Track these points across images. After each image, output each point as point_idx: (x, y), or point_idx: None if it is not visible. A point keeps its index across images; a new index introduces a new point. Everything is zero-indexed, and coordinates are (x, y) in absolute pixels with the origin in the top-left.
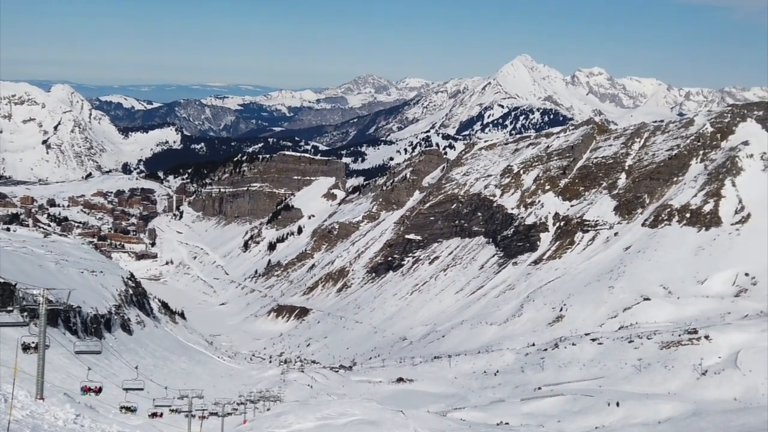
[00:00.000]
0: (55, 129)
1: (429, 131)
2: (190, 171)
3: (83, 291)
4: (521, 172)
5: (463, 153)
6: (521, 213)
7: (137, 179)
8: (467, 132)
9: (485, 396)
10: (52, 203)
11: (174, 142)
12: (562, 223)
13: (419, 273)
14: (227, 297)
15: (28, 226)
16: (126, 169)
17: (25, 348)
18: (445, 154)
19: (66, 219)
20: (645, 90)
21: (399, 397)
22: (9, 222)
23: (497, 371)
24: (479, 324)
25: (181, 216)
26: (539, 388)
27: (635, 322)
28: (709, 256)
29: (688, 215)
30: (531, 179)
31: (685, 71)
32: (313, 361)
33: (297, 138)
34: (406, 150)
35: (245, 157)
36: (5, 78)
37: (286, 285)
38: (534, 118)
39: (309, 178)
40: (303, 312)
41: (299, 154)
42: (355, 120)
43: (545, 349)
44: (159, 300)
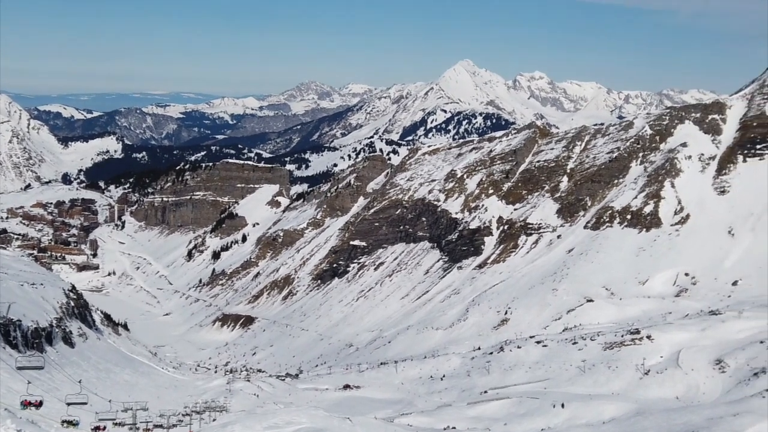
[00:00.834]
0: None
1: (372, 137)
2: (131, 180)
3: (23, 304)
4: (465, 176)
5: (407, 158)
6: (465, 217)
7: (78, 189)
8: (411, 137)
9: (432, 401)
10: None
11: (115, 151)
12: (505, 227)
13: (364, 279)
14: (171, 307)
15: None
16: (66, 180)
17: None
18: (389, 159)
19: (4, 231)
20: (585, 93)
21: (346, 404)
22: None
23: (444, 376)
24: (425, 329)
25: (123, 226)
26: (485, 391)
27: (579, 323)
28: (650, 256)
29: (629, 217)
30: (474, 183)
31: (625, 75)
32: (259, 370)
33: (240, 146)
34: (350, 156)
35: (188, 166)
36: None
37: (230, 294)
38: (477, 122)
39: (253, 186)
40: (248, 321)
41: (242, 161)
42: (299, 127)
43: (491, 353)
44: (101, 312)
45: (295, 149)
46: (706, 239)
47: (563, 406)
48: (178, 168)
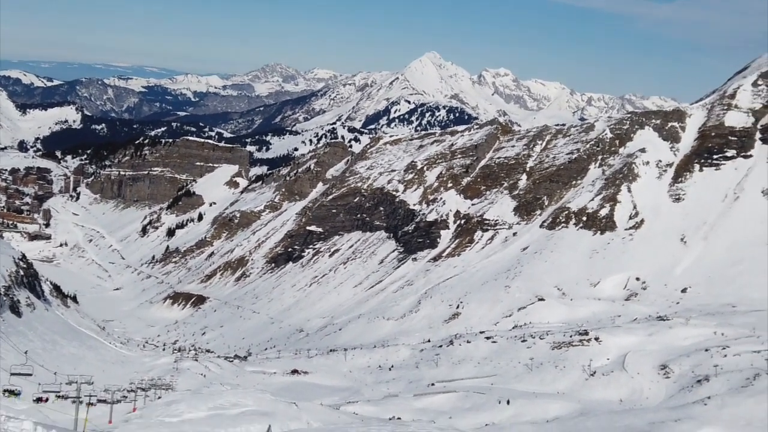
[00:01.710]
0: None
1: (335, 123)
2: (89, 152)
3: None
4: (425, 168)
5: (368, 147)
6: (423, 209)
7: (34, 158)
8: (373, 126)
9: (379, 390)
10: None
11: (74, 121)
12: (462, 221)
13: (319, 265)
14: (122, 282)
15: None
16: (22, 147)
17: None
18: (351, 147)
19: None
20: (549, 93)
21: (293, 389)
22: None
23: (392, 366)
24: (376, 318)
25: (78, 197)
26: (433, 384)
27: (529, 321)
28: (603, 259)
29: (584, 218)
30: (434, 176)
31: (588, 77)
32: (208, 350)
33: (201, 124)
34: (311, 141)
35: (147, 141)
36: None
37: (183, 272)
38: (440, 115)
39: (212, 165)
40: (200, 300)
41: (203, 140)
42: (262, 108)
43: (440, 346)
44: (51, 282)
45: (257, 131)
46: (658, 245)
47: (509, 402)
48: (137, 142)
